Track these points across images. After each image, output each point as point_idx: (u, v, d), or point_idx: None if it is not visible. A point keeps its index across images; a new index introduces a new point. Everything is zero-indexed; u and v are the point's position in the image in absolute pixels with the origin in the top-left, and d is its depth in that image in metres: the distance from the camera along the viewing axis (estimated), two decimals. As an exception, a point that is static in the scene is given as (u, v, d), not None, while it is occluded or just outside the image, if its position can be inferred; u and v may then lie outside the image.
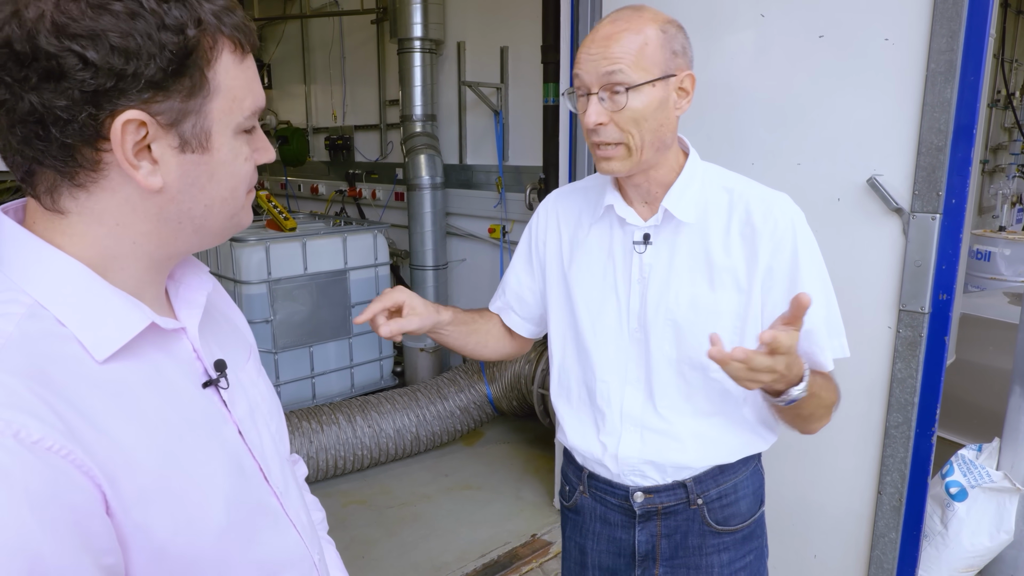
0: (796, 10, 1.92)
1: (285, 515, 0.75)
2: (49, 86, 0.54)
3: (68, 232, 0.61)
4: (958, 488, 2.08)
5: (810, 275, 1.11)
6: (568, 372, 1.28)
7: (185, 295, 0.72)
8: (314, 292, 3.77)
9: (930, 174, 1.72)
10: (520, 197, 3.81)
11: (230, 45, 0.62)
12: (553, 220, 1.30)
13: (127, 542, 0.56)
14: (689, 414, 1.18)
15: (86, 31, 0.53)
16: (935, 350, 1.79)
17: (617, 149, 1.07)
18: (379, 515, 3.04)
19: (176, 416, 0.64)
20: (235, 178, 0.66)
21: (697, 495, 1.21)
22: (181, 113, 0.60)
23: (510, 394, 3.61)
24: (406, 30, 4.04)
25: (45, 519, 0.50)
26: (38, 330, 0.57)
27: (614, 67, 1.02)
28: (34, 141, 0.57)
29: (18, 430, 0.50)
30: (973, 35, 1.63)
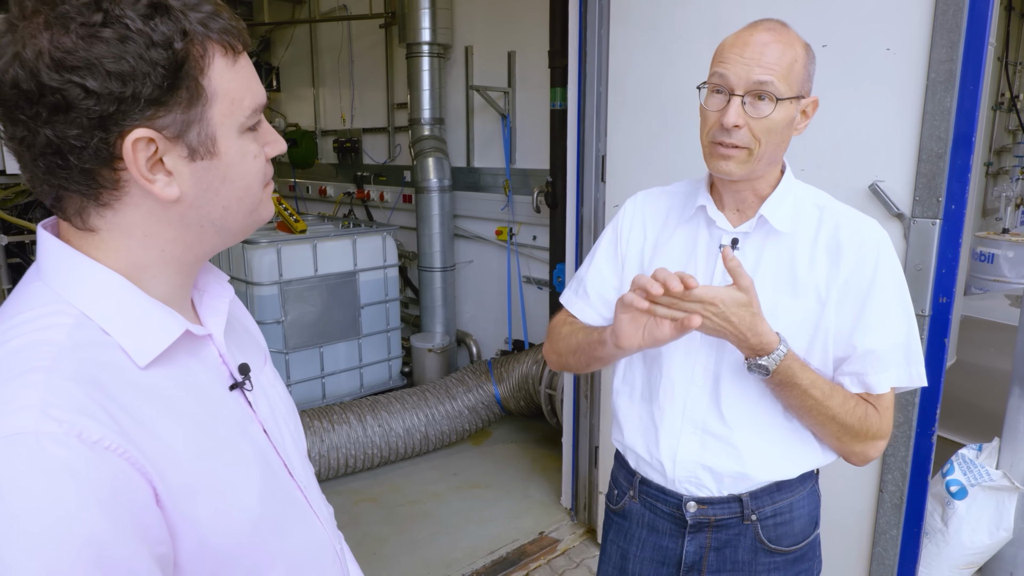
0: (800, 20, 1.95)
1: (309, 507, 0.80)
2: (59, 118, 0.58)
3: (101, 247, 0.65)
4: (958, 486, 2.13)
5: (886, 298, 1.11)
6: (634, 370, 1.28)
7: (209, 303, 0.76)
8: (324, 293, 3.82)
9: (930, 181, 1.77)
10: (527, 200, 3.87)
11: (220, 49, 0.64)
12: (639, 218, 1.30)
13: (175, 533, 0.60)
14: (753, 423, 1.17)
15: (82, 62, 0.56)
16: (936, 351, 1.84)
17: (739, 152, 1.08)
18: (389, 513, 3.09)
19: (209, 416, 0.68)
20: (247, 176, 0.68)
21: (752, 511, 1.20)
22: (184, 124, 0.62)
23: (517, 394, 3.66)
24: (415, 35, 4.10)
25: (108, 513, 0.54)
26: (86, 339, 0.61)
27: (767, 76, 1.03)
28: (57, 170, 0.60)
29: (80, 431, 0.54)
30: (972, 46, 1.68)
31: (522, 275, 4.13)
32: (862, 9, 1.84)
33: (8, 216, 3.87)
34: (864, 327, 1.11)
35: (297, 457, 0.82)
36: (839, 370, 1.14)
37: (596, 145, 2.62)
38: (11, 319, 0.61)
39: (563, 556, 2.79)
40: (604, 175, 2.62)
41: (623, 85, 2.49)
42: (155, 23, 0.59)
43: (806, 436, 1.19)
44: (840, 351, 1.13)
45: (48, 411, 0.54)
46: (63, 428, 0.53)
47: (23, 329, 0.60)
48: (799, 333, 1.12)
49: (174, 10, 0.60)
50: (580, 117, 2.66)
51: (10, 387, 0.55)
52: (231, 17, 0.65)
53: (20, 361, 0.57)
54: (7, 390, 0.55)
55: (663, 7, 2.31)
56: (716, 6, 2.15)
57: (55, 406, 0.54)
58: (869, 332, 1.10)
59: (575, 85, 2.66)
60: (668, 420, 1.21)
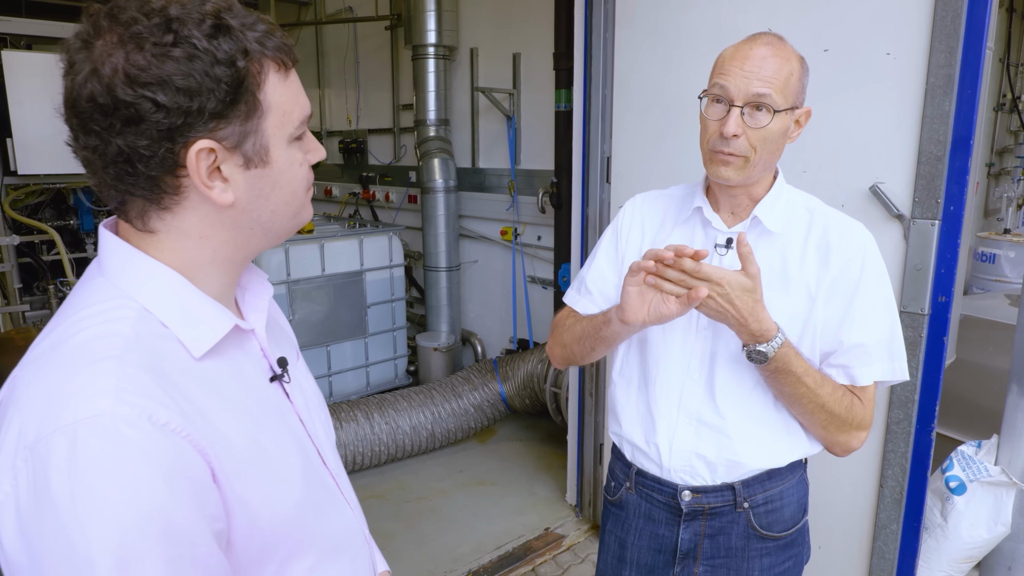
0: (802, 25, 2.00)
1: (341, 494, 0.85)
2: (131, 130, 0.62)
3: (159, 247, 0.70)
4: (957, 482, 2.17)
5: (872, 295, 1.17)
6: (631, 363, 1.33)
7: (251, 300, 0.81)
8: (331, 293, 3.87)
9: (929, 182, 1.81)
10: (532, 200, 3.91)
11: (274, 66, 0.69)
12: (638, 219, 1.36)
13: (229, 512, 0.65)
14: (746, 413, 1.22)
15: (155, 78, 0.61)
16: (934, 350, 1.88)
17: (737, 159, 1.15)
18: (397, 509, 3.14)
19: (256, 405, 0.73)
20: (294, 183, 0.73)
21: (744, 499, 1.25)
22: (242, 135, 0.67)
23: (523, 392, 3.70)
24: (420, 36, 4.14)
25: (174, 489, 0.59)
26: (148, 331, 0.66)
27: (766, 89, 1.10)
28: (125, 177, 0.65)
29: (151, 414, 0.59)
30: (970, 50, 1.72)
31: (527, 275, 4.18)
32: (862, 14, 1.88)
33: (19, 216, 3.92)
34: (851, 322, 1.17)
35: (328, 446, 0.87)
36: (826, 363, 1.21)
37: (601, 146, 2.66)
38: (78, 312, 0.66)
39: (568, 552, 2.84)
40: (609, 176, 2.66)
41: (628, 88, 2.53)
42: (218, 42, 0.63)
43: (795, 427, 1.25)
44: (827, 345, 1.19)
45: (121, 396, 0.59)
46: (135, 411, 0.58)
47: (91, 321, 0.65)
48: (790, 328, 1.18)
49: (234, 30, 0.65)
50: (586, 119, 2.70)
51: (86, 374, 0.60)
52: (283, 36, 0.70)
53: (93, 350, 0.62)
54: (83, 376, 0.60)
55: (667, 11, 2.35)
56: (719, 11, 2.20)
57: (127, 391, 0.59)
58: (855, 327, 1.17)
59: (581, 87, 2.70)
60: (664, 410, 1.27)
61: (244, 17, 0.66)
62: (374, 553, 0.95)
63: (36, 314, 4.10)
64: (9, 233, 3.85)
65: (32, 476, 0.56)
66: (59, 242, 3.96)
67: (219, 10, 0.64)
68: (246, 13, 0.67)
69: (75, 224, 4.30)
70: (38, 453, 0.56)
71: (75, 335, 0.63)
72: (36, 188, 4.07)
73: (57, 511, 0.55)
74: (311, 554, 0.75)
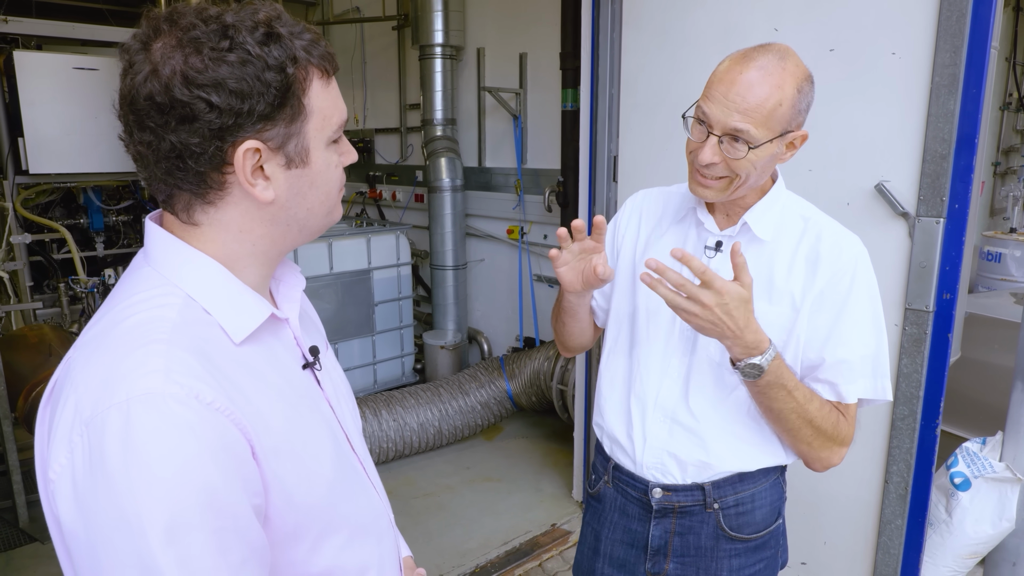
0: (808, 25, 2.02)
1: (368, 479, 0.88)
2: (184, 128, 0.67)
3: (202, 239, 0.74)
4: (962, 478, 2.18)
5: (860, 310, 1.15)
6: (617, 359, 1.35)
7: (285, 292, 0.85)
8: (339, 291, 3.90)
9: (934, 181, 1.82)
10: (538, 199, 3.93)
11: (318, 72, 0.73)
12: (636, 215, 1.37)
13: (268, 488, 0.68)
14: (719, 416, 1.22)
15: (210, 80, 0.65)
16: (939, 347, 1.89)
17: (717, 182, 1.14)
18: (405, 505, 3.16)
19: (290, 390, 0.77)
20: (330, 183, 0.78)
21: (714, 499, 1.25)
22: (286, 137, 0.71)
23: (529, 390, 3.72)
24: (427, 37, 4.17)
25: (219, 463, 0.62)
26: (193, 317, 0.70)
27: (744, 125, 1.07)
28: (175, 172, 0.70)
29: (198, 393, 0.63)
30: (975, 50, 1.73)
31: (533, 273, 4.20)
32: (868, 14, 1.90)
33: (31, 215, 3.96)
34: (837, 338, 1.15)
35: (356, 433, 0.90)
36: (811, 377, 1.19)
37: (608, 146, 2.68)
38: (128, 299, 0.70)
39: (575, 547, 2.86)
40: (616, 175, 2.68)
41: (635, 87, 2.55)
42: (269, 49, 0.68)
43: (768, 435, 1.24)
44: (809, 358, 1.18)
45: (171, 375, 0.62)
46: (184, 390, 0.62)
47: (140, 307, 0.69)
48: (773, 337, 1.15)
49: (284, 38, 0.69)
50: (593, 118, 2.72)
51: (138, 354, 0.64)
52: (327, 45, 0.74)
53: (143, 333, 0.66)
54: (135, 357, 0.64)
55: (674, 12, 2.37)
56: (725, 12, 2.21)
57: (176, 371, 0.63)
58: (841, 343, 1.15)
59: (588, 87, 2.72)
60: (641, 406, 1.28)
61: (292, 26, 0.71)
62: (398, 538, 0.99)
63: (47, 312, 4.14)
64: (21, 231, 3.89)
65: (88, 449, 0.60)
66: (70, 240, 3.99)
67: (270, 19, 0.69)
68: (294, 23, 0.71)
69: (85, 223, 4.34)
70: (94, 427, 0.60)
71: (126, 319, 0.67)
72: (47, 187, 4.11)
73: (112, 481, 0.58)
74: (342, 533, 0.78)
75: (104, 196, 4.39)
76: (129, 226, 4.52)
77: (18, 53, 3.66)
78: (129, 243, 4.48)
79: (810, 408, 1.14)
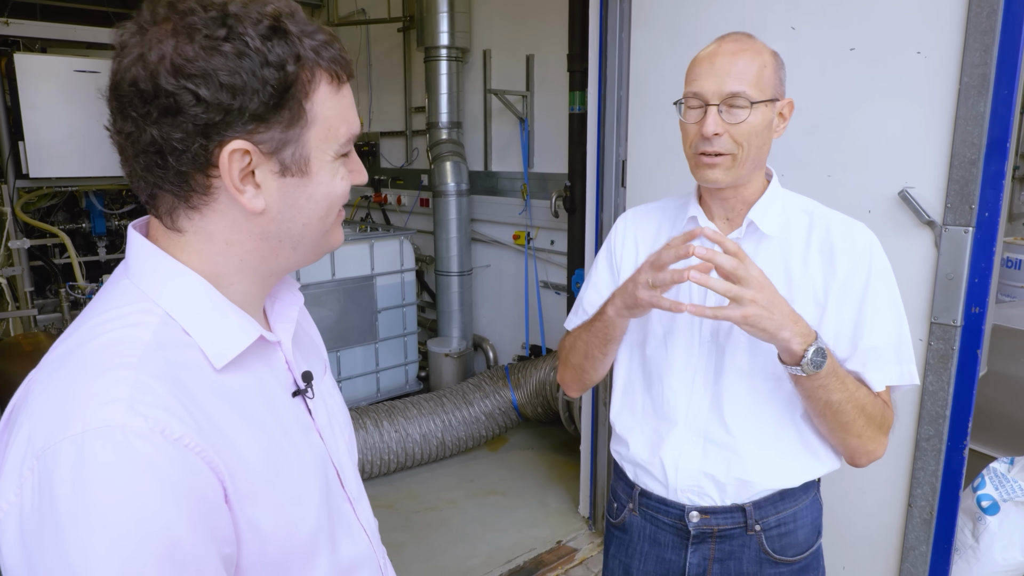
0: (827, 23, 1.92)
1: (357, 520, 0.80)
2: (167, 120, 0.60)
3: (186, 249, 0.67)
4: (990, 501, 2.07)
5: (881, 296, 1.13)
6: (634, 383, 1.28)
7: (280, 310, 0.78)
8: (342, 297, 3.82)
9: (963, 187, 1.72)
10: (545, 204, 3.84)
11: (327, 77, 0.66)
12: (631, 235, 1.33)
13: (240, 535, 0.61)
14: (755, 430, 1.17)
15: (199, 71, 0.59)
16: (967, 363, 1.78)
17: (723, 159, 1.11)
18: (406, 519, 3.07)
19: (275, 423, 0.69)
20: (329, 199, 0.70)
21: (756, 521, 1.19)
22: (281, 142, 0.64)
23: (535, 400, 3.63)
24: (433, 39, 4.09)
25: (183, 508, 0.55)
26: (170, 338, 0.63)
27: (739, 86, 1.08)
28: (154, 168, 0.63)
29: (164, 427, 0.56)
30: (1007, 49, 1.63)
31: (540, 280, 4.11)
32: (891, 11, 1.80)
33: (30, 219, 3.91)
34: (861, 326, 1.13)
35: (349, 467, 0.83)
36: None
37: (616, 150, 2.59)
38: (100, 315, 0.64)
39: (580, 566, 2.76)
40: (624, 180, 2.59)
41: (644, 89, 2.46)
42: (272, 44, 0.62)
43: (810, 444, 1.19)
44: (842, 351, 1.14)
45: (135, 406, 0.56)
46: (148, 423, 0.55)
47: (112, 325, 0.62)
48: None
49: (291, 35, 0.63)
50: (600, 121, 2.63)
51: (101, 380, 0.57)
52: (341, 48, 0.68)
53: (110, 356, 0.59)
54: (98, 384, 0.57)
55: (685, 10, 2.28)
56: (740, 8, 2.12)
57: (142, 402, 0.56)
58: (866, 331, 1.12)
59: (595, 89, 2.63)
60: (669, 430, 1.21)
61: (304, 25, 0.65)
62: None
63: (46, 318, 4.09)
64: (20, 236, 3.85)
65: (38, 486, 0.54)
66: (69, 245, 3.94)
67: (279, 14, 0.63)
68: (308, 22, 0.65)
69: (87, 227, 4.30)
70: (45, 462, 0.54)
71: (95, 339, 0.61)
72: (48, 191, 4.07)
73: (59, 526, 0.52)
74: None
75: (107, 200, 4.35)
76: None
77: (19, 56, 3.62)
78: (131, 248, 4.43)
79: (860, 395, 1.10)
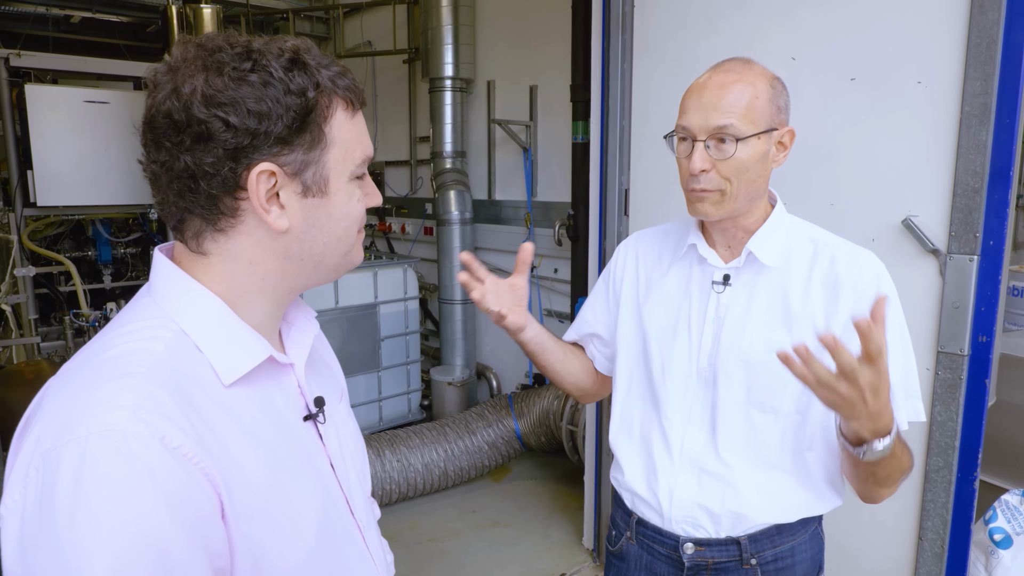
0: (827, 54, 1.94)
1: (366, 548, 0.80)
2: (199, 147, 0.65)
3: (209, 270, 0.71)
4: (1002, 535, 2.02)
5: (891, 331, 1.06)
6: (631, 409, 1.27)
7: (295, 336, 0.80)
8: (344, 326, 3.81)
9: (967, 216, 1.71)
10: (548, 232, 3.85)
11: (343, 104, 0.71)
12: (632, 259, 1.32)
13: (234, 551, 0.62)
14: (751, 462, 1.15)
15: (229, 99, 0.64)
16: (976, 393, 1.76)
17: (711, 194, 1.10)
18: (407, 551, 3.02)
19: (281, 443, 0.71)
20: (349, 218, 0.74)
21: (751, 555, 1.16)
22: (303, 164, 0.69)
23: (538, 430, 3.59)
24: (437, 70, 4.15)
25: (176, 517, 0.56)
26: (181, 352, 0.66)
27: (725, 120, 1.05)
28: (187, 194, 0.67)
29: (164, 436, 0.58)
30: (1008, 78, 1.63)
31: (543, 308, 4.10)
32: (892, 41, 1.81)
33: (36, 247, 3.94)
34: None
35: (360, 496, 0.83)
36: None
37: (619, 179, 2.60)
38: (120, 328, 0.68)
39: (585, 600, 2.71)
40: (627, 208, 2.59)
41: (646, 118, 2.47)
42: (293, 74, 0.67)
43: (812, 481, 1.16)
44: None
45: (138, 413, 0.58)
46: (149, 430, 0.57)
47: (129, 338, 0.66)
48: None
49: (310, 67, 0.69)
50: (603, 151, 2.65)
51: (109, 387, 0.60)
52: (353, 79, 0.74)
53: (122, 365, 0.62)
54: (105, 390, 0.60)
55: (686, 40, 2.30)
56: (741, 39, 2.14)
57: (145, 409, 0.59)
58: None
59: (598, 119, 2.65)
60: (665, 459, 1.20)
61: (320, 58, 0.71)
62: None
63: (50, 345, 4.09)
64: (26, 264, 3.86)
65: (40, 486, 0.56)
66: (75, 273, 3.96)
67: (298, 49, 0.69)
68: (322, 56, 0.71)
69: (93, 255, 4.32)
70: (49, 462, 0.56)
71: (110, 349, 0.65)
72: (55, 219, 4.10)
73: (56, 526, 0.54)
74: None
75: (113, 228, 4.38)
76: (137, 258, 4.50)
77: (30, 87, 3.68)
78: (137, 275, 4.44)
79: (903, 457, 1.04)
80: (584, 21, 3.12)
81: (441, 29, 4.08)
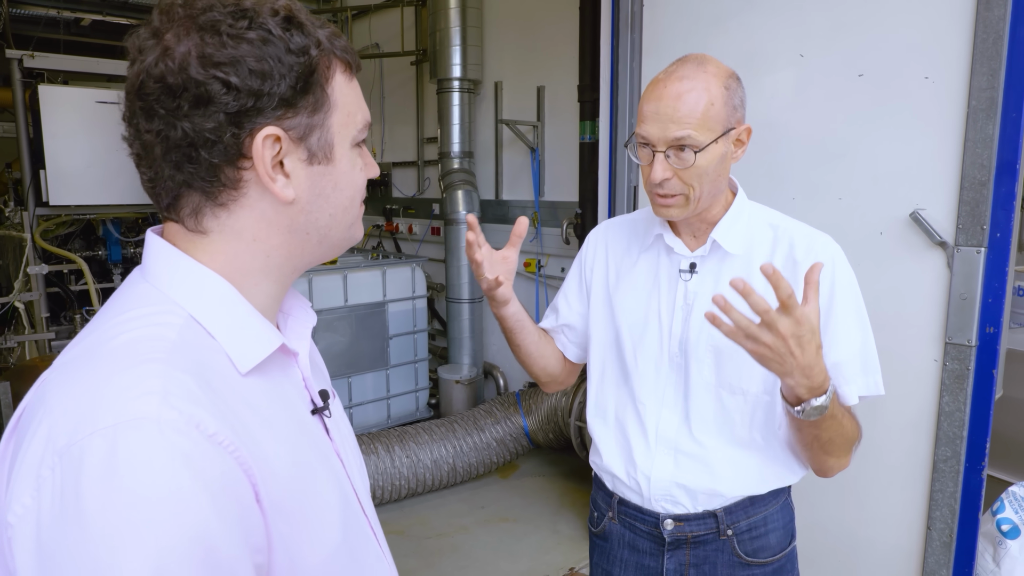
0: (835, 50, 1.97)
1: (377, 544, 0.77)
2: (198, 112, 0.60)
3: (210, 250, 0.66)
4: (1010, 525, 2.04)
5: (845, 309, 1.14)
6: (606, 394, 1.32)
7: (294, 327, 0.76)
8: (353, 323, 3.84)
9: (974, 208, 1.74)
10: (556, 232, 3.88)
11: (342, 65, 0.68)
12: (602, 248, 1.36)
13: (272, 545, 0.58)
14: (723, 441, 1.20)
15: (228, 59, 0.60)
16: (983, 383, 1.79)
17: (676, 199, 1.13)
18: (417, 546, 3.05)
19: (299, 435, 0.67)
20: (353, 187, 0.71)
21: (727, 526, 1.22)
22: (308, 128, 0.65)
23: (546, 427, 3.62)
24: (445, 71, 4.18)
25: (218, 508, 0.52)
26: (194, 340, 0.61)
27: (683, 132, 1.07)
28: (185, 165, 0.62)
29: (199, 422, 0.53)
30: (1014, 72, 1.66)
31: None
32: (898, 38, 1.85)
33: (49, 246, 3.97)
34: (828, 343, 1.11)
35: (365, 493, 0.80)
36: None
37: (628, 176, 2.63)
38: (119, 315, 0.62)
39: (594, 593, 2.73)
40: (636, 206, 2.62)
41: (655, 116, 2.50)
42: (291, 33, 0.63)
43: (778, 455, 1.21)
44: None
45: (169, 399, 0.53)
46: (183, 417, 0.53)
47: (135, 324, 0.60)
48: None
49: (306, 25, 0.65)
50: (612, 149, 2.68)
51: (131, 374, 0.54)
52: (347, 41, 0.70)
53: (137, 352, 0.57)
54: (128, 376, 0.54)
55: (695, 39, 2.33)
56: (748, 38, 2.17)
57: (175, 395, 0.53)
58: (833, 347, 1.12)
59: (607, 117, 2.69)
60: (641, 441, 1.24)
61: (313, 19, 0.67)
62: None
63: (61, 343, 4.12)
64: (39, 262, 3.90)
65: (60, 485, 0.49)
66: (87, 271, 4.00)
67: (290, 7, 0.65)
68: (314, 17, 0.68)
69: (103, 255, 4.36)
70: (69, 459, 0.49)
71: (117, 337, 0.58)
72: (67, 219, 4.14)
73: (85, 526, 0.48)
74: None
75: (123, 228, 4.42)
76: (146, 258, 4.53)
77: (43, 87, 3.72)
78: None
79: (847, 426, 1.10)
80: (592, 21, 3.15)
81: (449, 31, 4.12)
